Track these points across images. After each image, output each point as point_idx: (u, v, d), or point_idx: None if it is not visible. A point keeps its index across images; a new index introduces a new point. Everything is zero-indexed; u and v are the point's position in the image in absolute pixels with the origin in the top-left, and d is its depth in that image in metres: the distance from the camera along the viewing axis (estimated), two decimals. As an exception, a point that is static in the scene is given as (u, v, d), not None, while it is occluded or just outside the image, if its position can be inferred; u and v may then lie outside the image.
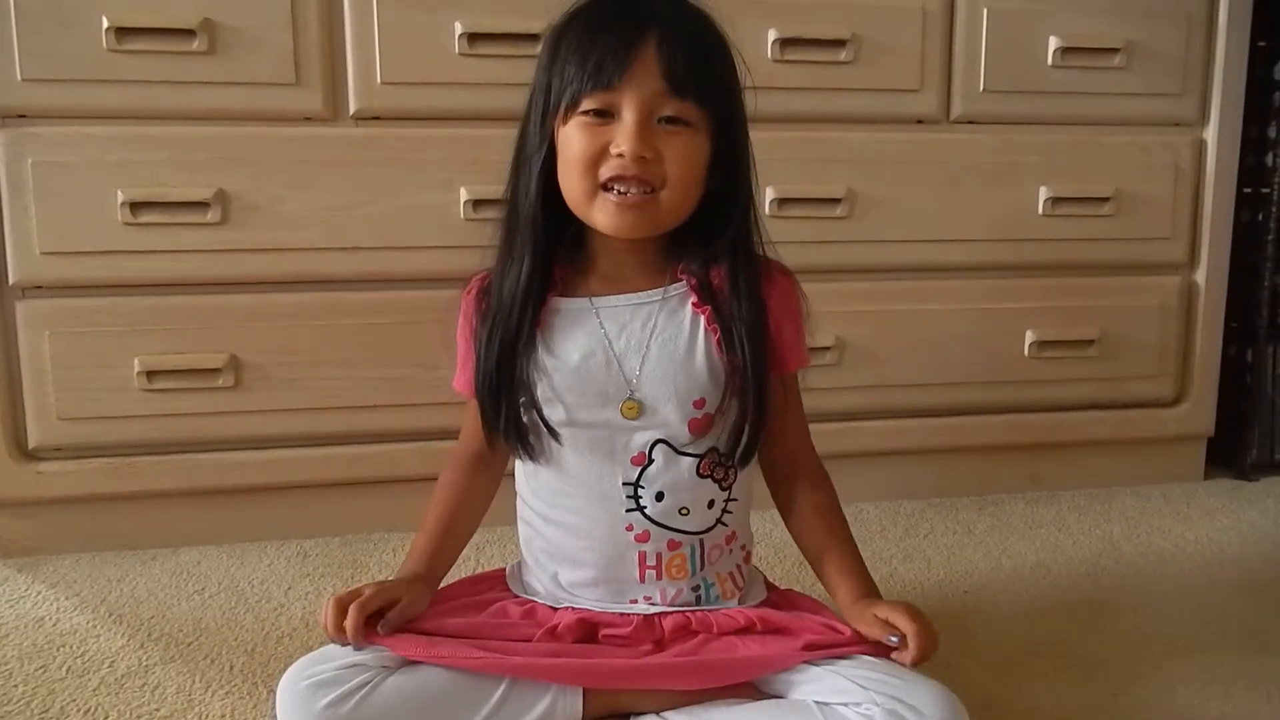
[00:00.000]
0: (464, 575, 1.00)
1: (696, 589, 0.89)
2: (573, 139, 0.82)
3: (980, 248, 1.47)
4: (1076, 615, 1.13)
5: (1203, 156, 1.52)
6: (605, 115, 0.81)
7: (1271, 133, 1.57)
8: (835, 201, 1.41)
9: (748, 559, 0.94)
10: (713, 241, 0.87)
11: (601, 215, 0.83)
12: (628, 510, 0.87)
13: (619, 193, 0.82)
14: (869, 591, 0.89)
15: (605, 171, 0.81)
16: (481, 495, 0.97)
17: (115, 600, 1.17)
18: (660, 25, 0.81)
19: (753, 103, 0.89)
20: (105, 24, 1.21)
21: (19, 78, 1.21)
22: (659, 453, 0.86)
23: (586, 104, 0.81)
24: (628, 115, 0.80)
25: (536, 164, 0.85)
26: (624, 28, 0.81)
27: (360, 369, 1.33)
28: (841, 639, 0.83)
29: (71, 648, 1.05)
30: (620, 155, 0.80)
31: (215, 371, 1.29)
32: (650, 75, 0.80)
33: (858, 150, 1.42)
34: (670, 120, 0.81)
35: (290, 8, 1.26)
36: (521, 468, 0.93)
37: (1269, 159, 1.57)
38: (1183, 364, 1.57)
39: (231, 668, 1.01)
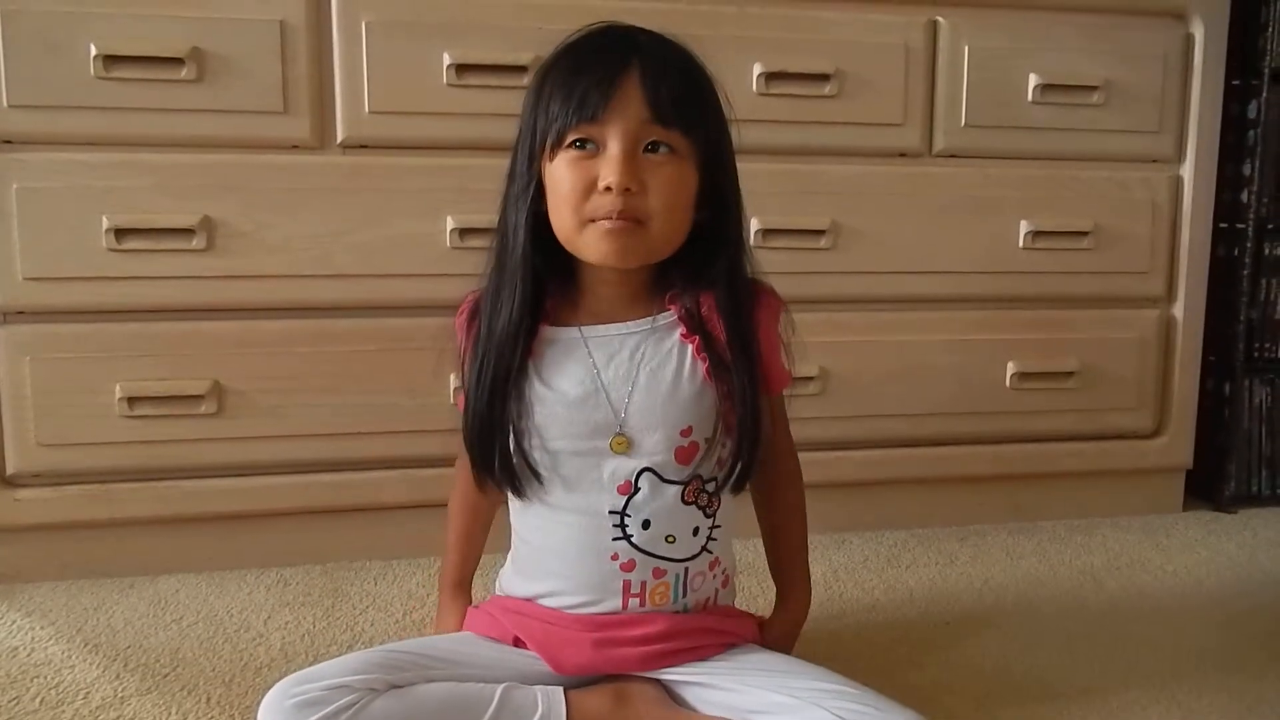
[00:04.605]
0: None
1: (675, 613, 0.90)
2: (560, 175, 0.83)
3: (962, 280, 1.49)
4: (1057, 647, 1.13)
5: (1180, 193, 1.55)
6: (591, 147, 0.82)
7: (1246, 170, 1.59)
8: (819, 233, 1.42)
9: (725, 583, 0.95)
10: (702, 274, 0.88)
11: (590, 246, 0.84)
12: (614, 539, 0.87)
13: (606, 222, 0.82)
14: (790, 591, 1.00)
15: (593, 207, 0.82)
16: (491, 505, 1.01)
17: (91, 629, 1.16)
18: (643, 57, 0.82)
19: (737, 135, 0.90)
20: (93, 51, 1.21)
21: (5, 103, 1.21)
22: (645, 481, 0.87)
23: (571, 136, 0.82)
24: (613, 146, 0.81)
25: (524, 201, 0.86)
26: (607, 61, 0.82)
27: (345, 396, 1.33)
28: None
29: (46, 678, 1.04)
30: (607, 189, 0.81)
31: (198, 398, 1.28)
32: (634, 105, 0.81)
33: (841, 182, 1.43)
34: (655, 148, 0.82)
35: (279, 37, 1.26)
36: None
37: (1244, 195, 1.60)
38: (1161, 397, 1.58)
39: (209, 699, 1.00)
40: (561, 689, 0.86)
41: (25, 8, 1.20)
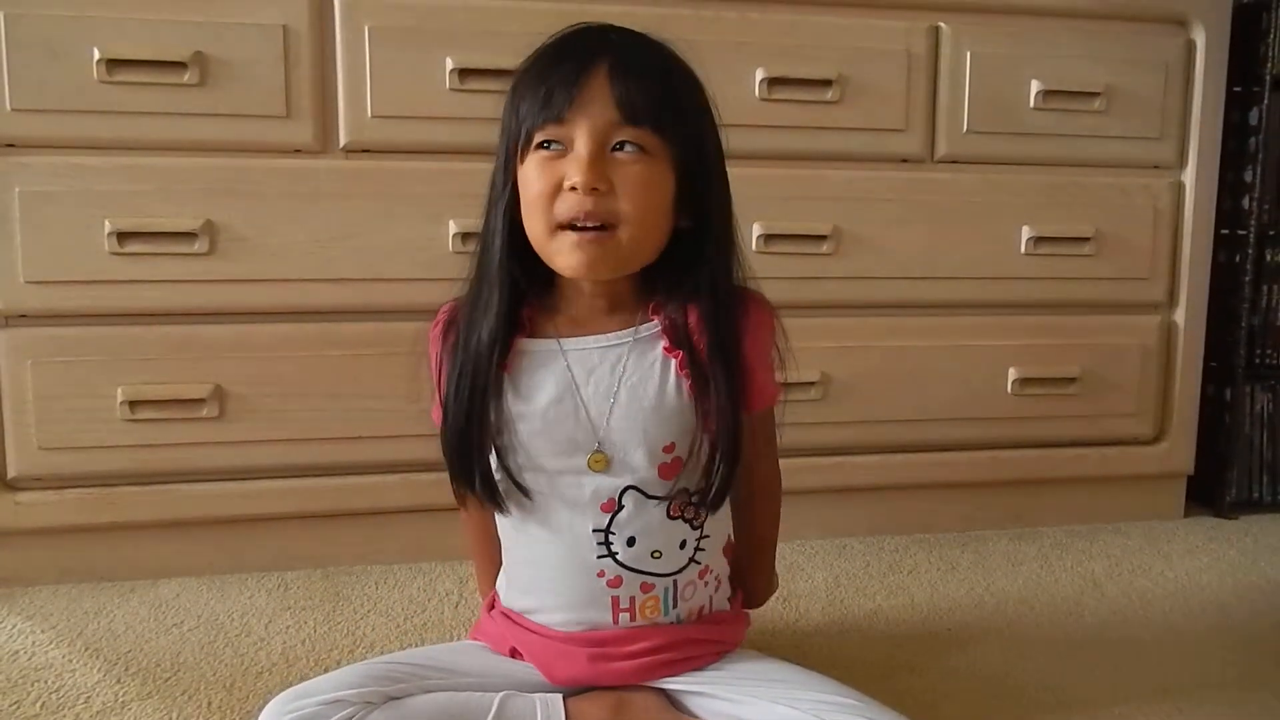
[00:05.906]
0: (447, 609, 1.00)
1: (669, 625, 0.89)
2: (530, 176, 0.81)
3: (963, 285, 1.49)
4: (1058, 653, 1.13)
5: (1181, 199, 1.55)
6: (559, 148, 0.80)
7: (1248, 176, 1.59)
8: (821, 238, 1.42)
9: (719, 588, 0.93)
10: (686, 282, 0.84)
11: (560, 256, 0.81)
12: (599, 557, 0.85)
13: (576, 229, 0.79)
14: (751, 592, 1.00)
15: (561, 210, 0.79)
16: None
17: (92, 633, 1.16)
18: (613, 56, 0.80)
19: (740, 140, 0.89)
20: (96, 55, 1.21)
21: (8, 107, 1.21)
22: (629, 499, 0.85)
23: (539, 137, 0.80)
24: (579, 146, 0.78)
25: (501, 206, 0.84)
26: (576, 60, 0.80)
27: (346, 400, 1.33)
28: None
29: (47, 682, 1.04)
30: (573, 189, 0.78)
31: (199, 402, 1.28)
32: (601, 103, 0.78)
33: (844, 188, 1.43)
34: (624, 148, 0.79)
35: (282, 41, 1.26)
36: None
37: (1245, 202, 1.60)
38: (1162, 402, 1.58)
39: (209, 704, 0.99)
40: (560, 697, 0.85)
41: (28, 12, 1.20)
